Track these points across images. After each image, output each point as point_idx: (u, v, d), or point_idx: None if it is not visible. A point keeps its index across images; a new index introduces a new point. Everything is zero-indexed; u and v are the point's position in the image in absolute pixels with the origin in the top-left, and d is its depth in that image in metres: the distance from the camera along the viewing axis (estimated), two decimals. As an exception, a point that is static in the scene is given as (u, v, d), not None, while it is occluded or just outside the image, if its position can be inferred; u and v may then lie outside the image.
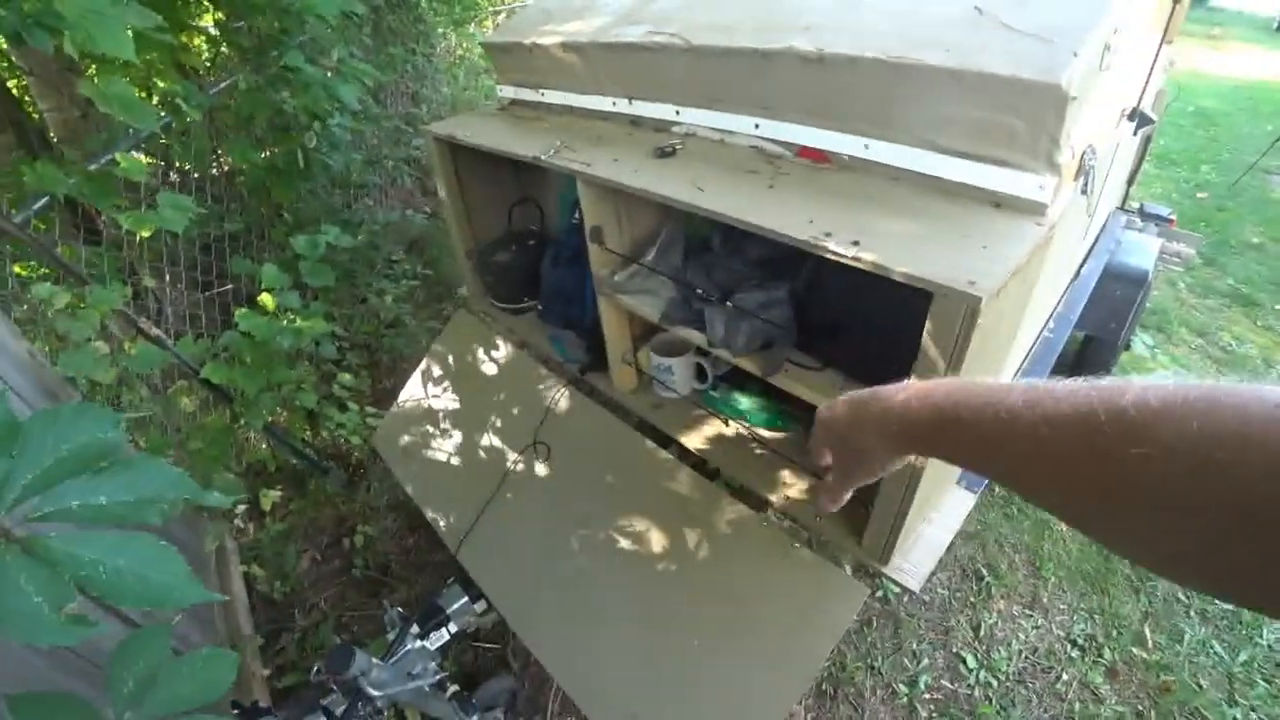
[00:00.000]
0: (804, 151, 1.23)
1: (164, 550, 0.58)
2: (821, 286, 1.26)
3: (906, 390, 0.57)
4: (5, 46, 2.21)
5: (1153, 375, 0.39)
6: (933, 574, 2.20)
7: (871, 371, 1.12)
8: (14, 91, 2.96)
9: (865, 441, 0.62)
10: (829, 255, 0.95)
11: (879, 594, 2.17)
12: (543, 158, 1.40)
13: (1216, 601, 2.13)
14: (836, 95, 1.14)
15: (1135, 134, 1.85)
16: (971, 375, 0.94)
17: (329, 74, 2.64)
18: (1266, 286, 3.94)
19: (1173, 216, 3.09)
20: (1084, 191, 1.10)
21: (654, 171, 1.27)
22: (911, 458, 0.68)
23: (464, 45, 5.42)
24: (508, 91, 1.88)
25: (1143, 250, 2.58)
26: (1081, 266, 2.27)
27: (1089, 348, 2.74)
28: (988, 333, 0.89)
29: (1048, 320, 1.91)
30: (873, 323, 1.11)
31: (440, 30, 4.78)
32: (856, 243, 0.94)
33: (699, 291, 1.30)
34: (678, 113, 1.42)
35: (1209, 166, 5.84)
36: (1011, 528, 2.44)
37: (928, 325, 0.89)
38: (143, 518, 0.58)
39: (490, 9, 6.05)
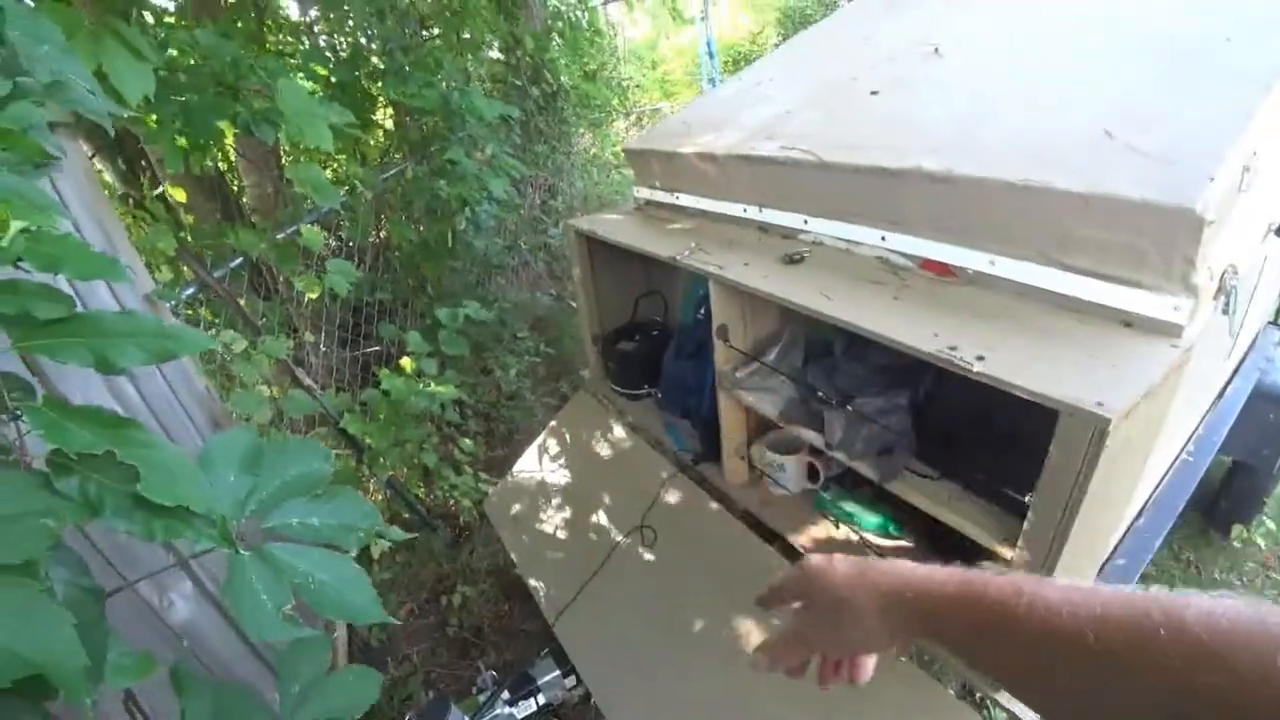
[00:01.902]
0: (928, 264, 1.26)
1: (358, 573, 0.68)
2: (942, 397, 1.28)
3: (923, 566, 0.53)
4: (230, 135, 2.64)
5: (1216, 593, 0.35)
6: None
7: (990, 484, 1.12)
8: (222, 170, 3.49)
9: (860, 602, 0.54)
10: (955, 369, 0.97)
11: (986, 727, 2.01)
12: (679, 258, 1.52)
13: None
14: (963, 213, 1.17)
15: (1285, 244, 1.76)
16: (1100, 499, 0.93)
17: (482, 167, 2.95)
18: None
19: None
20: (1225, 312, 1.07)
21: (783, 277, 1.34)
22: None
23: (599, 144, 5.87)
24: (643, 193, 2.04)
25: None
26: (1226, 386, 2.12)
27: (1237, 474, 2.53)
28: (1116, 454, 0.88)
29: (1186, 443, 1.80)
30: (993, 436, 1.11)
31: (579, 131, 5.22)
32: (982, 358, 0.95)
33: (819, 394, 1.34)
34: (806, 222, 1.50)
35: (1377, 281, 5.28)
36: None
37: (1053, 445, 0.89)
38: (344, 542, 0.69)
39: (623, 112, 6.55)
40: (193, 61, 1.86)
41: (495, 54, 4.12)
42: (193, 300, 2.17)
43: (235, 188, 3.51)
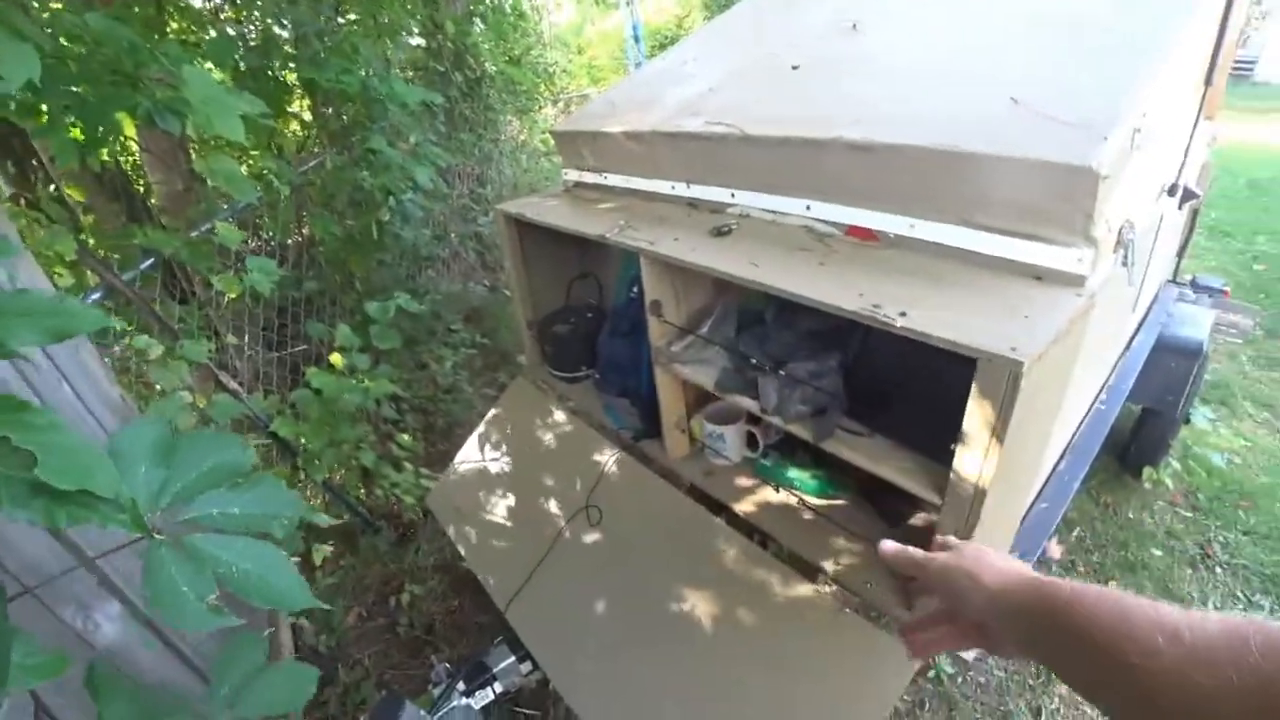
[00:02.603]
0: (853, 230, 1.30)
1: (283, 559, 0.66)
2: (870, 357, 1.32)
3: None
4: (131, 128, 2.49)
5: None
6: (986, 653, 2.13)
7: (919, 437, 1.17)
8: (125, 167, 3.30)
9: (975, 593, 0.57)
10: (878, 325, 1.00)
11: (931, 674, 2.10)
12: (608, 236, 1.51)
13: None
14: (883, 179, 1.21)
15: (1180, 208, 1.89)
16: (1019, 440, 0.98)
17: (406, 156, 2.87)
18: (1334, 358, 3.81)
19: (1226, 288, 3.09)
20: (1125, 264, 1.15)
21: (712, 249, 1.35)
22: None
23: (526, 131, 5.79)
24: (572, 175, 2.02)
25: (1196, 322, 2.58)
26: (1132, 339, 2.27)
27: (1146, 421, 2.74)
28: (1032, 399, 0.93)
29: (1099, 392, 1.91)
30: (919, 391, 1.16)
31: (506, 117, 5.13)
32: (904, 313, 0.99)
33: (753, 361, 1.36)
34: (733, 195, 1.52)
35: (1265, 237, 5.73)
36: (1070, 612, 2.34)
37: (973, 391, 0.93)
38: (268, 529, 0.67)
39: (550, 98, 6.48)
40: (84, 49, 1.74)
41: (416, 39, 4.00)
42: (100, 306, 2.05)
43: (141, 186, 3.32)
